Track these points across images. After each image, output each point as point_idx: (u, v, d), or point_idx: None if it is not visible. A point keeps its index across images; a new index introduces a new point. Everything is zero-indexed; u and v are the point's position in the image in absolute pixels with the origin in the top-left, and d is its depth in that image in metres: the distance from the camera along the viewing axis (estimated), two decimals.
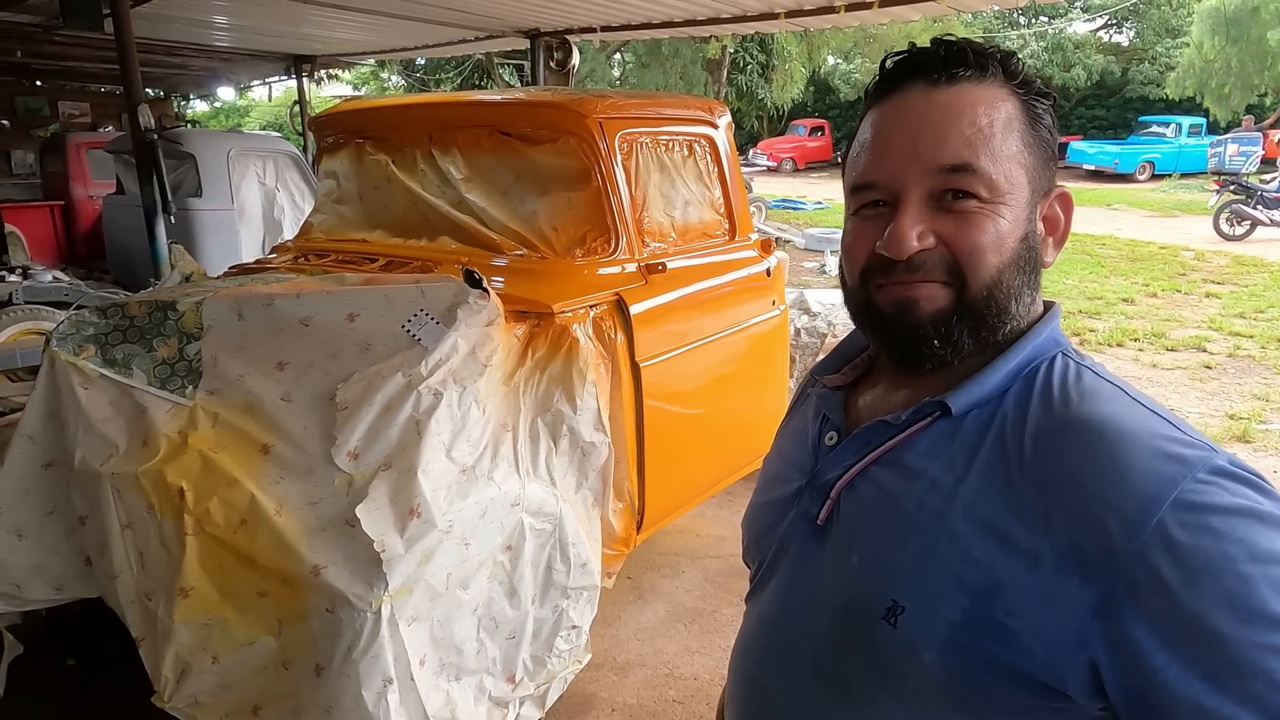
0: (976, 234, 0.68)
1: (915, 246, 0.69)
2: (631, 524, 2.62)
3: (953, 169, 0.68)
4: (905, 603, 0.67)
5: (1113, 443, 0.62)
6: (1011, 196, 0.69)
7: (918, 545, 0.68)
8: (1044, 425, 0.66)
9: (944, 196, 0.69)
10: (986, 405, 0.70)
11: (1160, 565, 0.57)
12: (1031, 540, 0.62)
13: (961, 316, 0.70)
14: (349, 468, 1.84)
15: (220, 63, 10.35)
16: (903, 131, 0.70)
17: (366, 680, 1.72)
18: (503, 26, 7.42)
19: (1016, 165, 0.69)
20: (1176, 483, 0.58)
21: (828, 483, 0.77)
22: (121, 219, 6.83)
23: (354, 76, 24.01)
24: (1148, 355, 6.29)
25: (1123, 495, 0.59)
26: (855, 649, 0.72)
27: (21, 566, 1.96)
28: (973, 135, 0.68)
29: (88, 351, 2.00)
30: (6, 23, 6.83)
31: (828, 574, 0.76)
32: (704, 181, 3.10)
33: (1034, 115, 0.71)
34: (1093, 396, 0.67)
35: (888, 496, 0.72)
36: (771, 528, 0.85)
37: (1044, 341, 0.72)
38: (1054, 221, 0.74)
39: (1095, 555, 0.59)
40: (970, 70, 0.69)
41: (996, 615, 0.62)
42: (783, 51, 21.60)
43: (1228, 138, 18.02)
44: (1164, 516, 0.57)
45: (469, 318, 2.02)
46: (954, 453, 0.69)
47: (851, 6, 5.74)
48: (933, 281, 0.70)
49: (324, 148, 3.27)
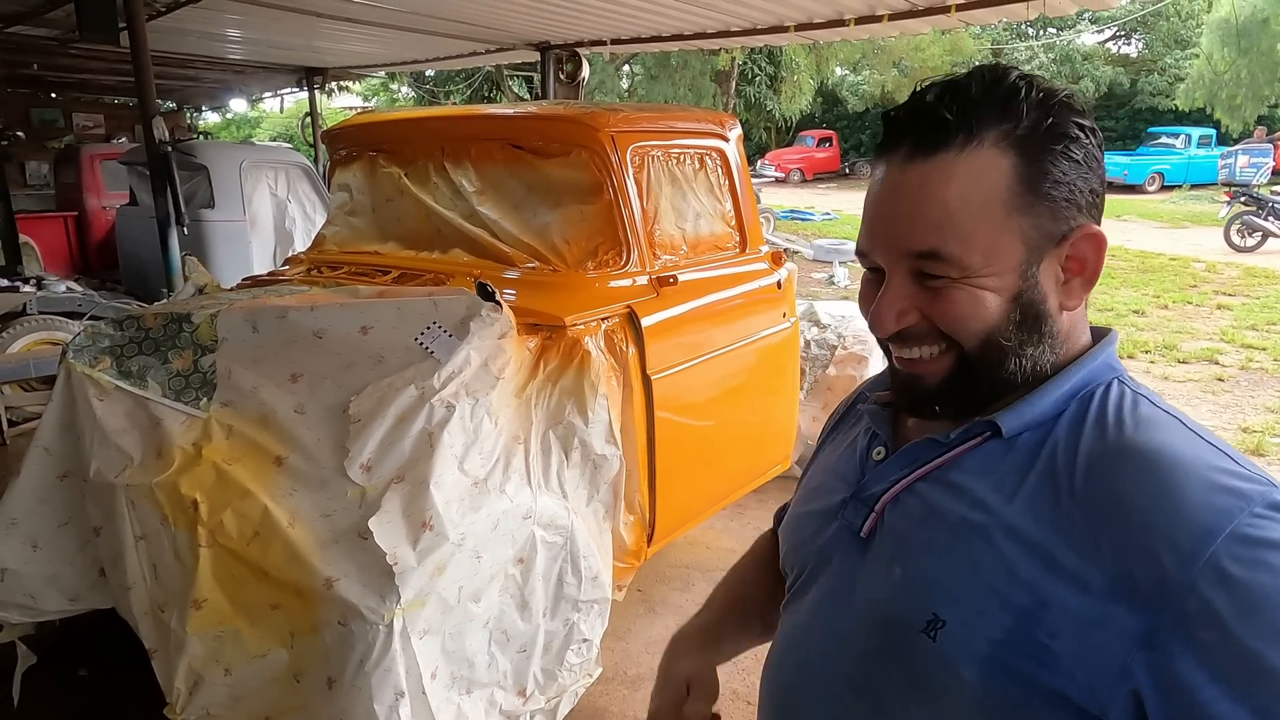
0: (951, 308, 0.69)
1: (893, 328, 0.72)
2: (642, 536, 2.61)
3: (919, 255, 0.69)
4: (946, 616, 0.67)
5: (1167, 472, 0.62)
6: (992, 268, 0.68)
7: (962, 560, 0.68)
8: (1097, 451, 0.66)
9: (921, 274, 0.70)
10: (1039, 428, 0.70)
11: (1213, 598, 0.56)
12: (1080, 565, 0.61)
13: (968, 374, 0.72)
14: (362, 480, 1.84)
15: (233, 75, 10.46)
16: (880, 209, 0.72)
17: (378, 693, 1.72)
18: (513, 39, 7.47)
19: (1001, 234, 0.67)
20: (1233, 516, 0.58)
21: (873, 495, 0.78)
22: (134, 230, 6.89)
23: (364, 88, 24.21)
24: (1159, 367, 6.25)
25: (1176, 526, 0.59)
26: (892, 662, 0.71)
27: (36, 577, 1.97)
28: (940, 219, 0.67)
29: (103, 363, 2.02)
30: (23, 36, 6.92)
31: (868, 585, 0.76)
32: (715, 194, 3.10)
33: (1038, 167, 0.66)
34: (1148, 425, 0.66)
35: (933, 511, 0.72)
36: (812, 538, 0.85)
37: (1099, 367, 0.72)
38: (1079, 262, 0.70)
39: (1145, 584, 0.59)
40: (954, 137, 0.66)
41: (1040, 636, 0.62)
42: (791, 63, 21.65)
43: (1238, 149, 17.96)
44: (1219, 549, 0.57)
45: (482, 330, 2.02)
46: (1003, 473, 0.69)
47: (861, 20, 5.76)
48: (930, 346, 0.72)
49: (337, 160, 3.29)
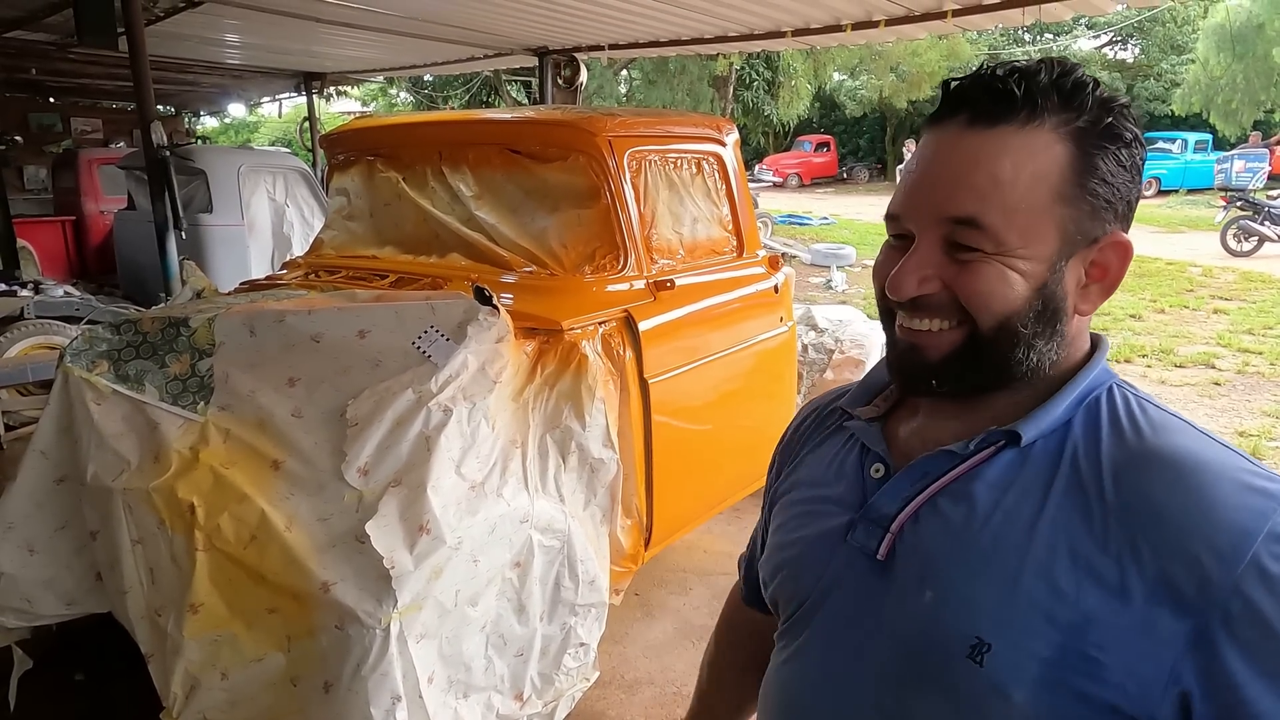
0: (976, 282, 0.68)
1: (912, 292, 0.70)
2: (640, 541, 2.61)
3: (958, 221, 0.67)
4: (992, 640, 0.65)
5: (1197, 476, 0.62)
6: (1026, 250, 0.67)
7: (1001, 579, 0.66)
8: (1121, 457, 0.66)
9: (954, 244, 0.68)
10: (1052, 435, 0.70)
11: (1256, 598, 0.57)
12: (1119, 574, 0.62)
13: (973, 354, 0.70)
14: (359, 484, 1.84)
15: (231, 80, 10.46)
16: (927, 172, 0.70)
17: (375, 697, 1.71)
18: (511, 44, 7.49)
19: (1042, 218, 0.66)
20: (1268, 516, 0.59)
21: (886, 516, 0.74)
22: (132, 234, 6.89)
23: (363, 93, 24.21)
24: (1156, 372, 6.26)
25: (1215, 528, 0.60)
26: (931, 690, 0.69)
27: (32, 581, 1.97)
28: (987, 188, 0.66)
29: (101, 367, 2.02)
30: (22, 40, 6.92)
31: (894, 611, 0.72)
32: (712, 199, 3.11)
33: (1088, 161, 0.66)
34: (1165, 429, 0.67)
35: (960, 529, 0.70)
36: (812, 565, 0.81)
37: (1100, 373, 0.73)
38: (1103, 269, 0.70)
39: (1188, 588, 0.59)
40: (1017, 112, 0.66)
41: (1089, 650, 0.61)
42: (789, 68, 21.70)
43: (1234, 154, 18.00)
44: (1259, 549, 0.58)
45: (479, 334, 2.03)
46: (1026, 483, 0.68)
47: (858, 25, 5.78)
48: (940, 319, 0.70)
49: (335, 165, 3.29)
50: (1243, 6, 19.65)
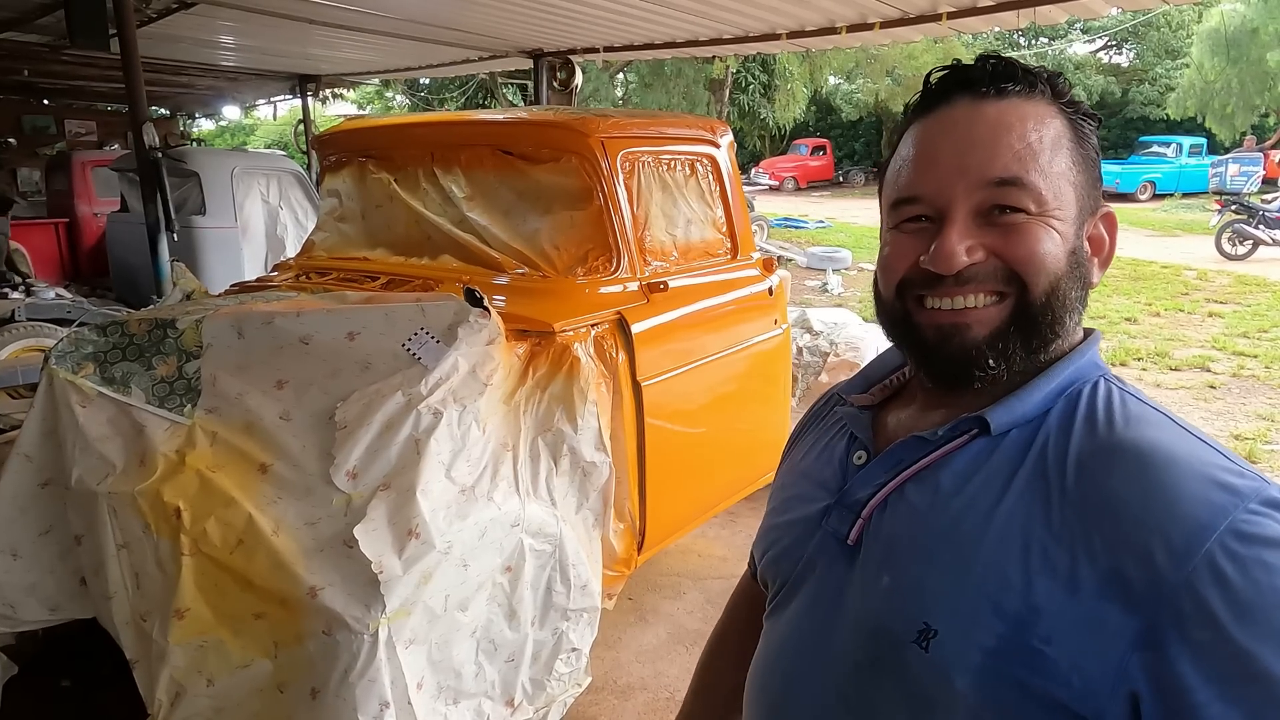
0: (1032, 242, 0.67)
1: (965, 261, 0.68)
2: (632, 545, 2.59)
3: (1001, 182, 0.67)
4: (938, 626, 0.65)
5: (1160, 468, 0.60)
6: (1061, 212, 0.68)
7: (952, 566, 0.66)
8: (1088, 448, 0.64)
9: (991, 211, 0.68)
10: (1028, 425, 0.69)
11: (1208, 597, 0.55)
12: (1071, 565, 0.60)
13: (1019, 327, 0.69)
14: (347, 487, 1.82)
15: (226, 82, 10.44)
16: (949, 144, 0.69)
17: (363, 704, 1.69)
18: (506, 47, 7.48)
19: (1065, 182, 0.68)
20: (1228, 512, 0.56)
21: (858, 501, 0.75)
22: (125, 236, 6.86)
23: (358, 95, 24.19)
24: (1151, 375, 6.27)
25: (1170, 522, 0.57)
26: (884, 673, 0.69)
27: (15, 586, 1.94)
28: (1022, 149, 0.67)
29: (86, 369, 1.99)
30: (14, 42, 6.90)
31: (857, 595, 0.73)
32: (706, 200, 3.10)
33: (1081, 134, 0.70)
34: (1140, 422, 0.65)
35: (922, 515, 0.70)
36: (794, 547, 0.82)
37: (1086, 365, 0.71)
38: (1099, 241, 0.73)
39: (1139, 583, 0.57)
40: (1018, 85, 0.69)
41: (1034, 643, 0.60)
42: (785, 71, 21.73)
43: (1229, 158, 18.09)
44: (1213, 546, 0.55)
45: (470, 336, 2.01)
46: (992, 471, 0.67)
47: (853, 28, 5.78)
48: (985, 293, 0.69)
49: (327, 166, 3.28)
50: (1237, 11, 19.73)
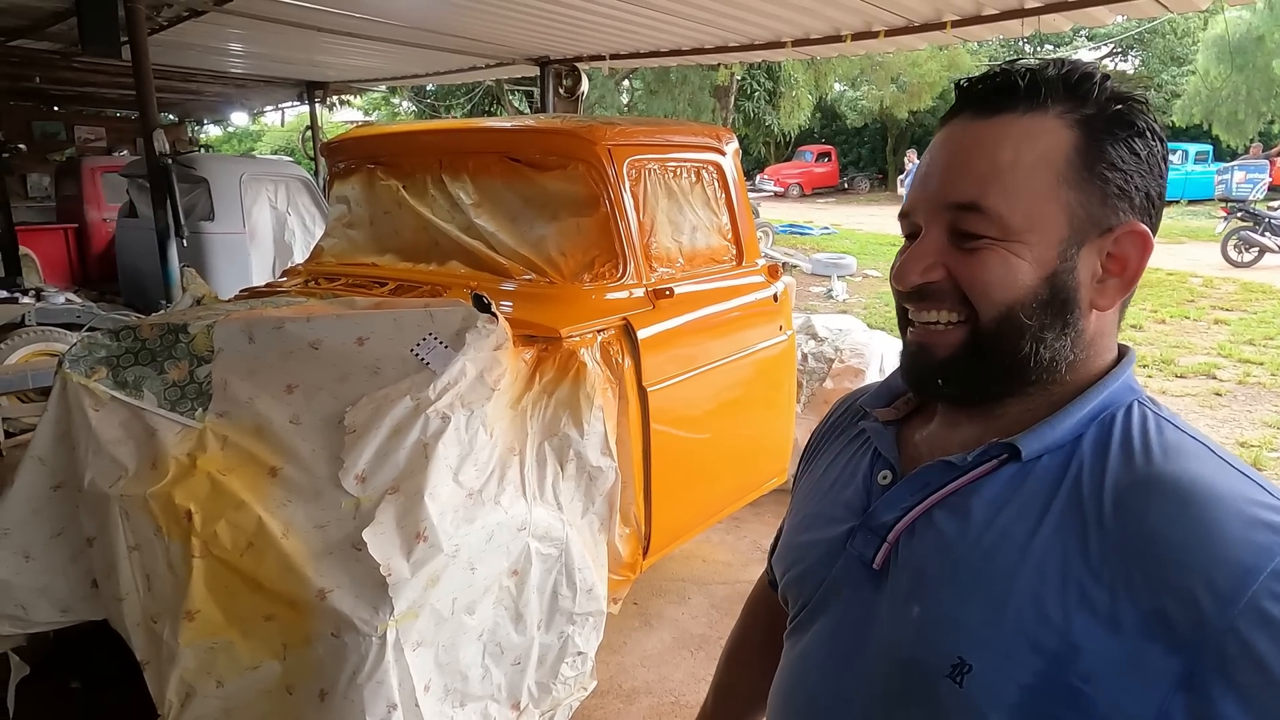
0: (979, 270, 0.67)
1: (915, 281, 0.69)
2: (638, 549, 2.60)
3: (959, 206, 0.67)
4: (973, 661, 0.63)
5: (1202, 506, 0.58)
6: (1033, 236, 0.66)
7: (988, 600, 0.64)
8: (1125, 480, 0.63)
9: (959, 233, 0.68)
10: (1059, 451, 0.67)
11: (1255, 641, 0.54)
12: (1111, 603, 0.58)
13: (973, 352, 0.69)
14: (356, 491, 1.84)
15: (234, 88, 10.50)
16: (931, 165, 0.70)
17: (371, 706, 1.71)
18: (513, 54, 7.52)
19: (1047, 203, 0.65)
20: (1274, 554, 0.55)
21: (884, 525, 0.73)
22: (134, 242, 6.91)
23: (365, 102, 24.31)
24: (1157, 382, 6.26)
25: (1215, 564, 0.56)
26: (913, 706, 0.67)
27: (28, 588, 1.96)
28: (987, 173, 0.66)
29: (99, 374, 2.02)
30: (26, 49, 6.96)
31: (884, 623, 0.71)
32: (711, 207, 3.12)
33: (1095, 145, 0.66)
34: (1178, 453, 0.63)
35: (952, 544, 0.68)
36: (816, 568, 0.80)
37: (1120, 388, 0.69)
38: (1120, 261, 0.68)
39: (1182, 624, 0.56)
40: (1019, 101, 0.67)
41: (1073, 680, 0.59)
42: (790, 78, 21.77)
43: (1234, 165, 18.06)
44: (1259, 590, 0.54)
45: (477, 342, 2.03)
46: (1025, 501, 0.66)
47: (858, 36, 5.80)
48: (945, 311, 0.69)
49: (335, 173, 3.31)
50: (1242, 19, 19.72)
